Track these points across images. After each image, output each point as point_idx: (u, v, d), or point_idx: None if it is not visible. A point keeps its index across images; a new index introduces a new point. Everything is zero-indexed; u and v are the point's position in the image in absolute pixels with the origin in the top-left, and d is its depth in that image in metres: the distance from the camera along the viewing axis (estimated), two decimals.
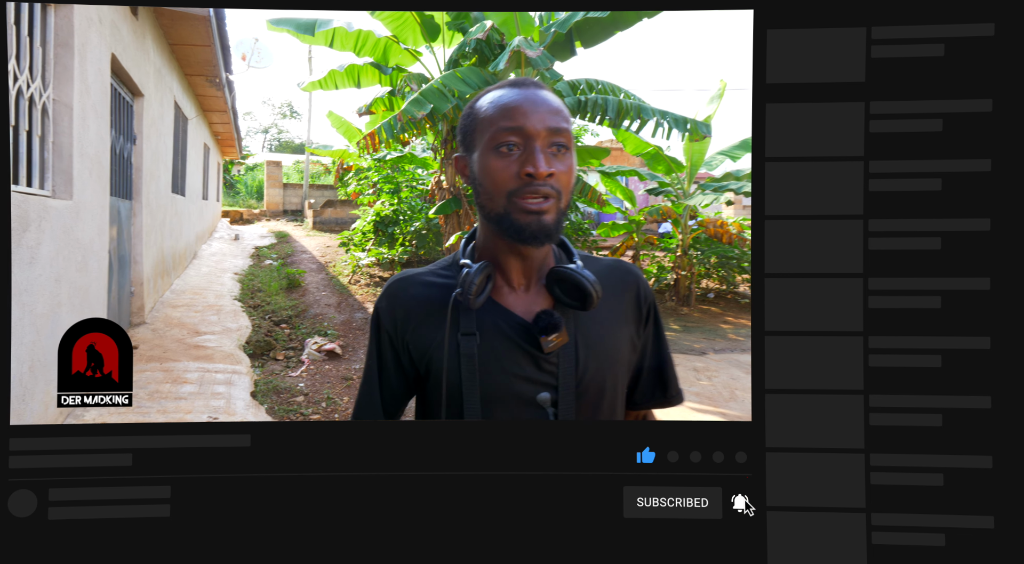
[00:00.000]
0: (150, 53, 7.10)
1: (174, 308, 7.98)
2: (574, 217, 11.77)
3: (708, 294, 11.81)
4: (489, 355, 1.20)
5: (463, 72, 7.60)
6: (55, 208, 3.98)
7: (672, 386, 1.38)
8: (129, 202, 6.71)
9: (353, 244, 11.75)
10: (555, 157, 1.15)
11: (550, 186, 1.14)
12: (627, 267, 1.35)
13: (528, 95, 1.18)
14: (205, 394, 5.02)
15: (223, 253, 13.42)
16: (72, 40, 4.25)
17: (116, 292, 6.00)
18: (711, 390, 6.27)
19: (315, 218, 18.36)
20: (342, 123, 11.73)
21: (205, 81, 10.31)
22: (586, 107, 7.60)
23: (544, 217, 1.14)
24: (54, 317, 3.89)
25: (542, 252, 1.24)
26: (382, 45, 8.74)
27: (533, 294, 1.25)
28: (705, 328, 9.65)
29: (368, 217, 11.57)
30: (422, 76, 8.75)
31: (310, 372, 6.39)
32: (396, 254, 10.99)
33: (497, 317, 1.22)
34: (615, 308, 1.28)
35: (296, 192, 23.98)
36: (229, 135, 16.28)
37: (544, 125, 1.15)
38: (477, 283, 1.17)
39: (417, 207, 11.52)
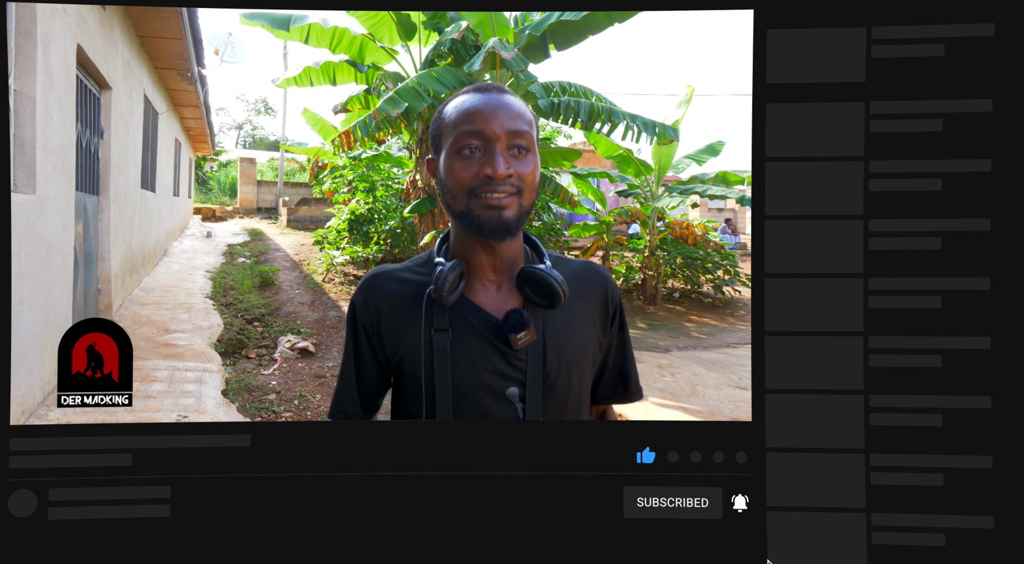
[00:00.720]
0: (118, 45, 7.00)
1: (143, 306, 7.88)
2: (547, 217, 11.91)
3: (674, 294, 12.05)
4: (460, 350, 1.25)
5: (438, 72, 7.64)
6: (17, 203, 3.90)
7: (633, 383, 1.44)
8: (96, 197, 6.60)
9: (327, 242, 11.71)
10: (516, 158, 1.22)
11: (510, 184, 1.21)
12: (596, 269, 1.40)
13: (489, 100, 1.25)
14: (175, 392, 4.97)
15: (195, 250, 13.27)
16: (35, 29, 4.15)
17: (82, 289, 5.90)
18: (674, 386, 6.40)
19: (289, 216, 18.24)
20: (317, 120, 11.68)
21: (176, 75, 10.19)
22: (559, 109, 7.71)
23: (504, 212, 1.21)
24: (16, 315, 3.82)
25: (511, 251, 1.30)
26: (358, 43, 8.75)
27: (504, 293, 1.31)
28: (670, 326, 9.86)
29: (343, 215, 11.54)
30: (398, 75, 8.79)
31: (283, 370, 6.33)
32: (371, 253, 10.95)
33: (469, 314, 1.28)
34: (583, 308, 1.34)
35: (270, 189, 23.83)
36: (201, 131, 16.12)
37: (504, 129, 1.22)
38: (450, 281, 1.23)
39: (392, 206, 11.51)
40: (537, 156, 1.26)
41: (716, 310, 11.31)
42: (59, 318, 4.67)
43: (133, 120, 8.18)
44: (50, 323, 4.43)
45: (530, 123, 1.25)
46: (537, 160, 1.26)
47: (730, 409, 5.75)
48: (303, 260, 12.45)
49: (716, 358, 7.84)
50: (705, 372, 7.00)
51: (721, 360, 7.71)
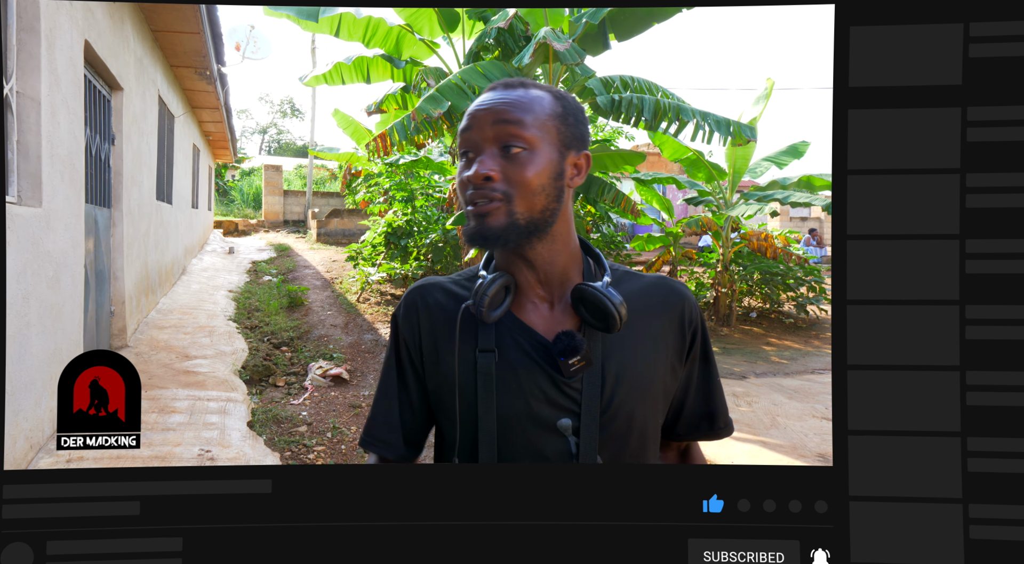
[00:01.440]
0: (130, 41, 7.18)
1: (160, 329, 8.03)
2: (606, 229, 11.86)
3: (750, 313, 12.03)
4: (507, 374, 1.26)
5: (484, 66, 7.64)
6: (21, 216, 3.97)
7: (720, 417, 1.41)
8: (108, 210, 6.77)
9: (362, 258, 11.81)
10: (506, 159, 1.22)
11: (492, 188, 1.21)
12: (671, 285, 1.37)
13: (488, 98, 1.27)
14: (196, 424, 5.04)
15: (216, 268, 13.51)
16: (38, 24, 4.20)
17: (93, 312, 6.05)
18: (751, 417, 6.36)
19: (319, 229, 18.48)
20: (349, 123, 11.81)
21: (194, 74, 10.40)
22: (620, 107, 7.67)
23: (487, 220, 1.21)
24: (22, 340, 3.91)
25: (555, 263, 1.29)
26: (394, 35, 8.82)
27: (559, 312, 1.30)
28: (746, 350, 9.82)
29: (379, 228, 11.64)
30: (439, 70, 8.81)
31: (314, 400, 6.39)
32: (410, 269, 11.02)
33: (517, 333, 1.28)
34: (654, 331, 1.31)
35: (298, 200, 24.21)
36: (222, 135, 16.42)
37: (490, 126, 1.23)
38: (490, 295, 1.23)
39: (433, 217, 11.59)
40: (545, 156, 1.23)
41: (799, 332, 11.22)
42: (69, 343, 4.78)
43: (147, 124, 8.36)
44: (59, 349, 4.54)
45: (534, 115, 1.24)
46: (544, 161, 1.23)
47: (815, 443, 5.69)
48: (335, 278, 12.57)
49: (799, 386, 7.75)
50: (786, 401, 6.95)
51: (805, 388, 7.62)
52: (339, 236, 18.20)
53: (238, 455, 4.62)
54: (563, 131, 1.26)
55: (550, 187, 1.23)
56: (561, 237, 1.28)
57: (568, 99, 1.30)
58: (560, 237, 1.28)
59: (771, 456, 5.35)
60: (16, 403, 3.79)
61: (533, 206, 1.22)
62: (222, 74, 11.17)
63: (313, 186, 25.69)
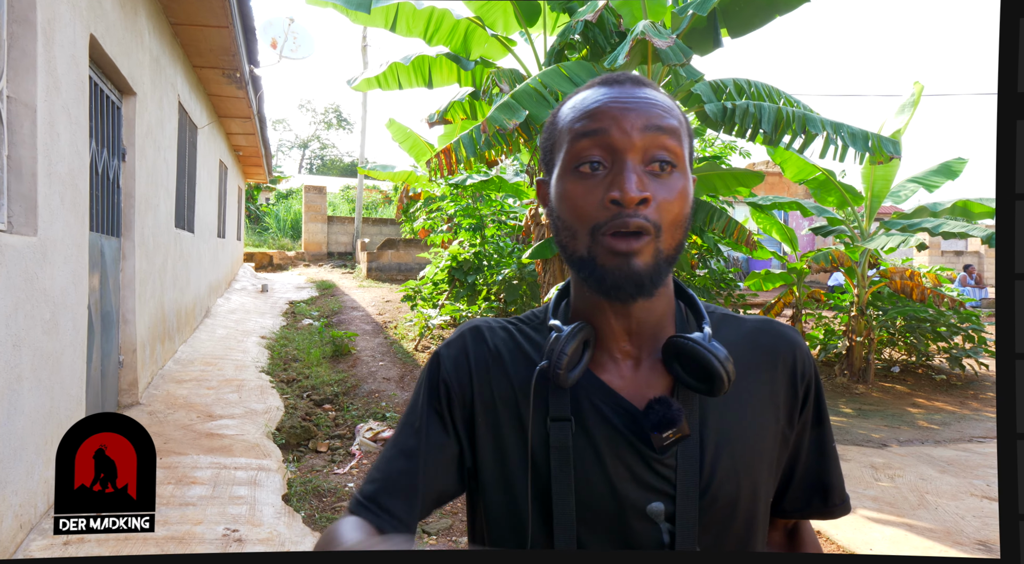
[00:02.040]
0: (145, 36, 7.31)
1: (179, 384, 8.14)
2: (714, 264, 11.79)
3: (892, 368, 11.91)
4: (586, 449, 1.22)
5: (569, 67, 7.57)
6: (12, 247, 3.97)
7: (836, 492, 1.37)
8: (117, 240, 6.88)
9: (421, 298, 11.94)
10: (656, 178, 1.16)
11: (643, 217, 1.14)
12: (779, 330, 1.34)
13: (620, 93, 1.21)
14: (221, 498, 5.06)
15: (246, 309, 13.74)
16: (34, 15, 4.20)
17: (99, 362, 6.13)
18: (894, 493, 6.28)
19: (370, 263, 18.73)
20: (407, 135, 11.91)
21: (221, 76, 10.63)
22: (733, 117, 7.56)
23: (635, 260, 1.15)
24: (12, 395, 3.93)
25: (654, 312, 1.26)
26: (462, 30, 8.85)
27: (646, 370, 1.27)
28: (887, 412, 9.71)
29: (441, 262, 11.72)
30: (515, 72, 8.77)
31: (362, 468, 6.40)
32: (477, 311, 11.06)
33: (597, 398, 1.24)
34: (760, 388, 1.29)
35: (345, 228, 24.60)
36: (254, 150, 16.80)
37: (640, 132, 1.16)
38: (568, 353, 1.18)
39: (506, 249, 11.66)
40: (689, 176, 1.20)
41: (953, 391, 11.05)
42: (69, 400, 4.82)
43: (164, 136, 8.51)
44: (57, 407, 4.57)
45: (680, 123, 1.20)
46: (688, 182, 1.19)
47: (974, 527, 5.54)
48: (389, 322, 12.70)
49: (954, 457, 7.62)
50: (938, 476, 6.86)
51: (961, 460, 7.48)
52: (393, 271, 18.42)
53: (271, 535, 4.61)
54: (688, 148, 1.23)
55: (688, 219, 1.20)
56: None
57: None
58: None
59: (918, 542, 5.22)
60: (4, 473, 3.80)
61: (675, 244, 1.18)
62: (255, 76, 11.39)
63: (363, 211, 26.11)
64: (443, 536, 5.09)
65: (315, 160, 66.81)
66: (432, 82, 9.33)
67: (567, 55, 8.37)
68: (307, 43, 17.35)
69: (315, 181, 35.07)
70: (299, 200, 30.15)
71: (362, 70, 12.39)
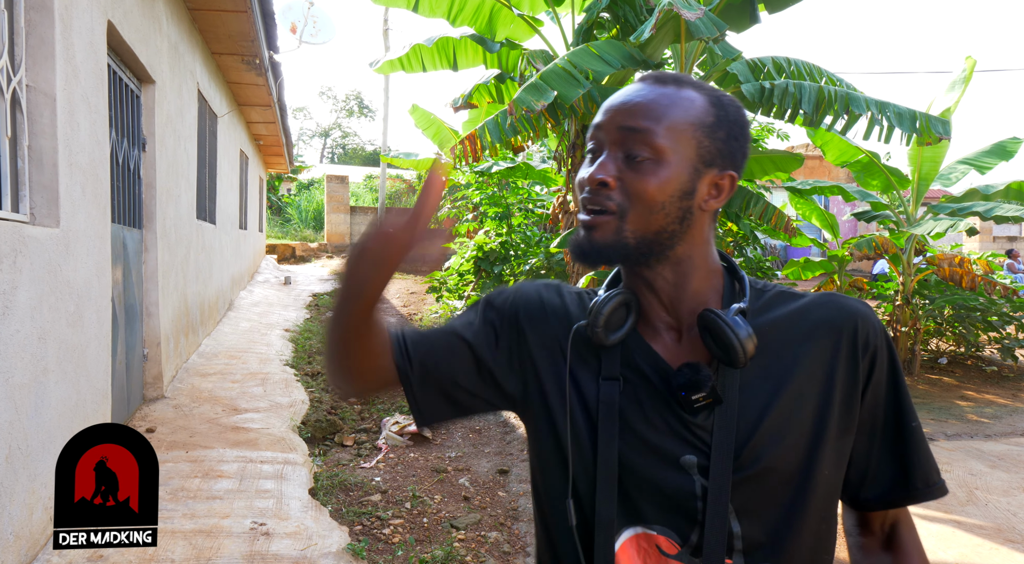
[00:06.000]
0: (163, 22, 7.32)
1: (204, 377, 8.20)
2: (751, 252, 11.62)
3: (939, 359, 11.79)
4: (631, 403, 1.33)
5: (599, 46, 7.47)
6: (35, 239, 3.98)
7: (918, 473, 1.35)
8: (139, 231, 6.92)
9: (446, 289, 11.87)
10: (629, 166, 1.28)
11: (606, 197, 1.29)
12: (839, 302, 1.36)
13: (626, 94, 1.34)
14: (247, 492, 5.11)
15: (269, 302, 13.77)
16: (51, 1, 4.21)
17: (123, 355, 6.21)
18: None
19: None
20: (431, 121, 11.82)
21: (241, 62, 10.63)
22: (771, 97, 7.44)
23: (593, 234, 1.30)
24: (39, 388, 3.98)
25: (680, 284, 1.36)
26: (487, 10, 8.78)
27: (687, 342, 1.36)
28: (934, 405, 9.60)
29: (467, 252, 11.67)
30: (543, 53, 8.68)
31: (389, 462, 6.43)
32: None
33: (641, 358, 1.36)
34: (813, 361, 1.31)
35: (368, 219, 24.48)
36: (275, 140, 16.81)
37: (614, 124, 1.31)
38: (605, 314, 1.32)
39: (534, 238, 11.57)
40: (673, 170, 1.28)
41: (1005, 383, 10.94)
42: (95, 393, 4.89)
43: (184, 126, 8.53)
44: (83, 399, 4.63)
45: (658, 125, 1.27)
46: (670, 175, 1.27)
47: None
48: (414, 314, 12.69)
49: (1005, 451, 7.55)
50: (988, 471, 6.81)
51: (1013, 454, 7.42)
52: (418, 262, 18.41)
53: (298, 529, 4.65)
54: (706, 144, 1.29)
55: (672, 206, 1.29)
56: (691, 261, 1.35)
57: (729, 109, 1.33)
58: (689, 261, 1.34)
59: (966, 539, 5.20)
60: (33, 465, 3.85)
61: (647, 226, 1.29)
62: (275, 63, 11.38)
63: (386, 201, 26.06)
64: (471, 530, 5.10)
65: (337, 149, 66.68)
66: (457, 65, 9.28)
67: (596, 34, 8.29)
68: (327, 27, 17.37)
69: (337, 170, 35.02)
70: (321, 190, 30.07)
71: (384, 53, 12.33)
